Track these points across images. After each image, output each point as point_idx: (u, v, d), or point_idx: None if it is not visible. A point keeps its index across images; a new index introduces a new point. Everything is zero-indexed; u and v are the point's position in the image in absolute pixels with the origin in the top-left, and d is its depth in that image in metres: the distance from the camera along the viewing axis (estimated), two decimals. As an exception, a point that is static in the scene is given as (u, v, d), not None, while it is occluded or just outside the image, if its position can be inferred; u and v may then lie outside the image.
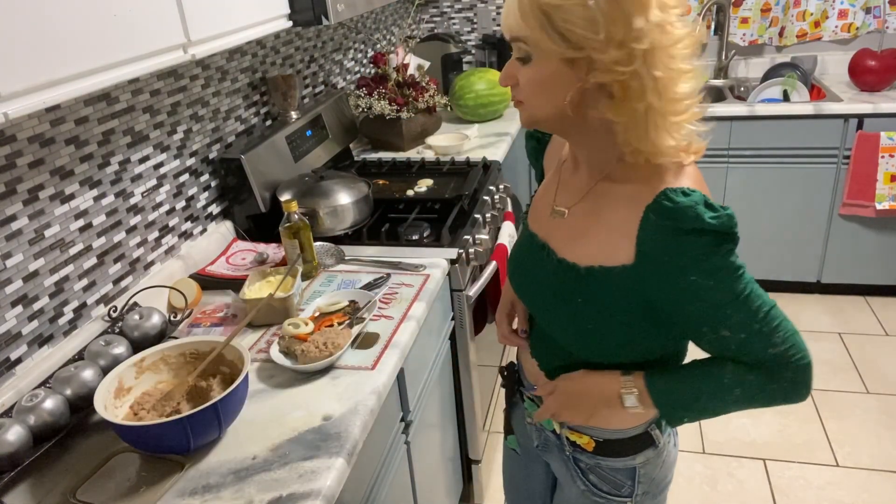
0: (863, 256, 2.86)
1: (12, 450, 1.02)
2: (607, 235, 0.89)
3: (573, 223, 0.95)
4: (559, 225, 0.98)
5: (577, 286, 0.92)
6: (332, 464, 1.03)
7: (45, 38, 0.90)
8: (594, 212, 0.92)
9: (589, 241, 0.91)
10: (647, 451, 1.05)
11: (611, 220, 0.88)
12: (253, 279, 1.49)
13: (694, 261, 0.81)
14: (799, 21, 3.04)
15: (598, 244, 0.90)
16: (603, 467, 1.07)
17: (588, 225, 0.92)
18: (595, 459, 1.07)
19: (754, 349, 0.86)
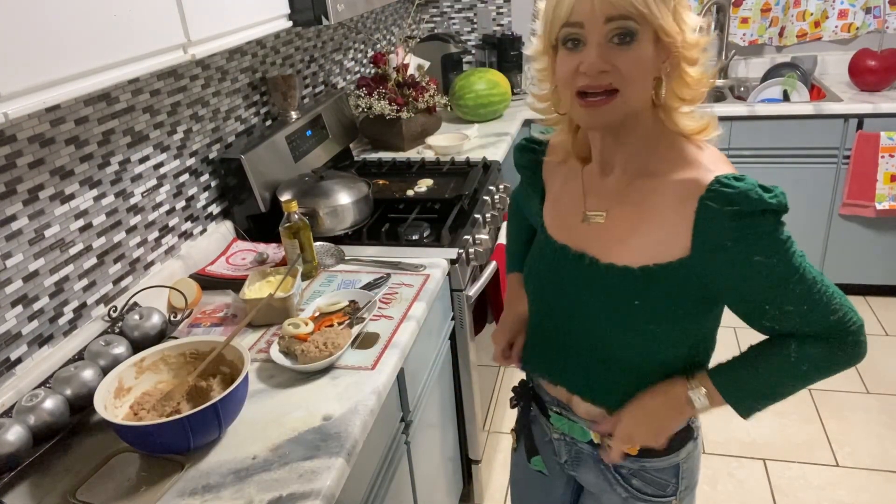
0: (863, 256, 2.86)
1: (12, 450, 1.02)
2: (659, 231, 0.87)
3: (615, 226, 0.92)
4: (597, 231, 0.94)
5: (633, 288, 0.89)
6: (332, 464, 1.03)
7: (45, 38, 0.90)
8: (638, 211, 0.90)
9: (639, 241, 0.89)
10: (688, 444, 1.04)
11: (662, 215, 0.87)
12: (253, 279, 1.49)
13: (757, 242, 0.82)
14: (799, 21, 3.05)
15: (649, 242, 0.88)
16: (648, 469, 1.03)
17: (634, 225, 0.90)
18: (639, 463, 1.03)
19: (817, 318, 0.87)
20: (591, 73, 0.80)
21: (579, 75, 0.82)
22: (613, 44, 0.80)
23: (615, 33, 0.79)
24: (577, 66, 0.82)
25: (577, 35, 0.81)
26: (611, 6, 0.77)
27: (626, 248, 0.90)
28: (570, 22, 0.80)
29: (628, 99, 0.82)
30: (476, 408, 1.87)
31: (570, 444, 1.11)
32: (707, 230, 0.84)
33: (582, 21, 0.79)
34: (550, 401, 1.11)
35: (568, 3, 0.80)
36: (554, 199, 1.05)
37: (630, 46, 0.79)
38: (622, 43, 0.79)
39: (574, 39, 0.81)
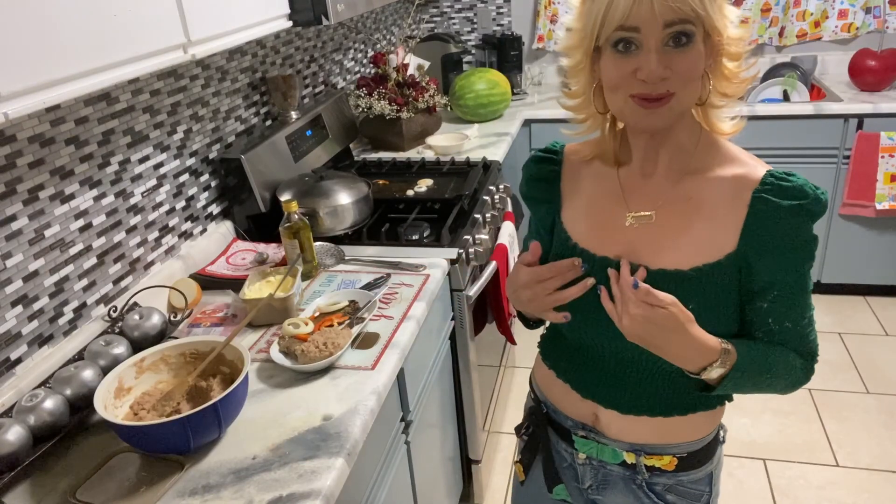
0: (863, 256, 2.86)
1: (12, 450, 1.02)
2: (708, 228, 0.87)
3: (660, 229, 0.89)
4: (644, 235, 0.90)
5: (687, 291, 0.86)
6: (332, 464, 1.03)
7: (45, 38, 0.90)
8: (688, 208, 0.88)
9: (689, 240, 0.87)
10: (718, 450, 1.03)
11: (712, 211, 0.87)
12: (253, 279, 1.49)
13: (800, 234, 0.84)
14: (799, 21, 3.05)
15: (699, 241, 0.87)
16: (684, 483, 1.01)
17: (682, 225, 0.88)
18: (676, 477, 1.00)
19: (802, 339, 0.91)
20: (651, 80, 0.78)
21: (636, 81, 0.79)
22: (669, 47, 0.78)
23: (672, 37, 0.77)
24: (632, 71, 0.79)
25: (631, 38, 0.78)
26: (671, 10, 0.75)
27: (676, 249, 0.88)
28: (625, 26, 0.77)
29: (683, 100, 0.81)
30: (476, 408, 1.87)
31: (597, 468, 1.05)
32: (759, 224, 0.84)
33: (639, 26, 0.77)
34: (574, 424, 1.05)
35: (624, 5, 0.76)
36: (585, 207, 0.98)
37: (686, 48, 0.78)
38: (678, 46, 0.78)
39: (627, 42, 0.79)
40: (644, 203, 0.91)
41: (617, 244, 0.92)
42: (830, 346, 2.70)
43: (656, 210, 0.90)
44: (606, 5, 0.78)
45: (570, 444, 1.06)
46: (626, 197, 0.93)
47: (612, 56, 0.81)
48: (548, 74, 3.43)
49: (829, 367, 2.57)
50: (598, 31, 0.80)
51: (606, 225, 0.94)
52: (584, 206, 0.98)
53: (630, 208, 0.92)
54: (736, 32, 0.83)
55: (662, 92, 0.79)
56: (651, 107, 0.80)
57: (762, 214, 0.84)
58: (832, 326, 2.82)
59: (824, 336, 2.75)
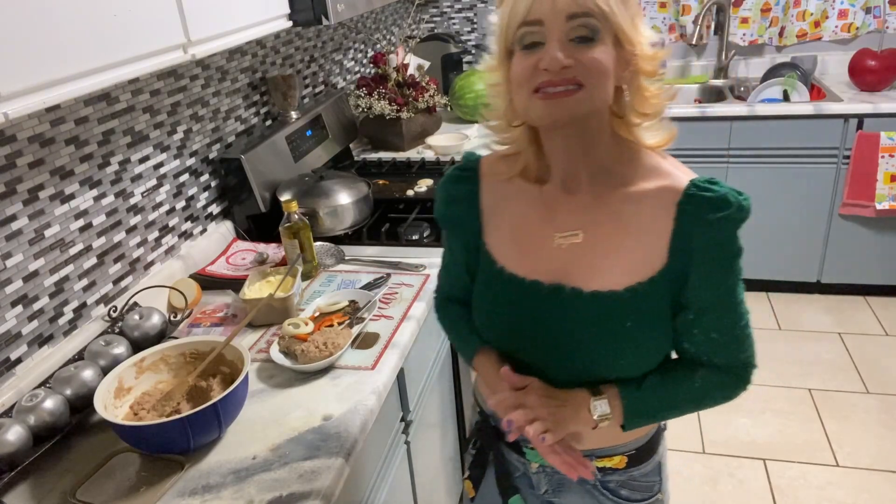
0: (863, 256, 2.86)
1: (12, 450, 1.02)
2: (638, 245, 0.85)
3: (590, 249, 0.87)
4: (572, 255, 0.88)
5: (623, 312, 0.86)
6: (332, 464, 1.03)
7: (45, 38, 0.90)
8: (615, 225, 0.87)
9: (619, 260, 0.86)
10: (662, 440, 1.05)
11: (640, 227, 0.85)
12: (253, 279, 1.49)
13: (728, 245, 0.84)
14: (799, 21, 3.05)
15: (630, 259, 0.86)
16: (636, 476, 1.02)
17: (611, 243, 0.87)
18: (627, 473, 1.01)
19: (732, 352, 0.89)
20: (553, 67, 0.75)
21: (539, 72, 0.77)
22: (574, 43, 0.76)
23: (577, 32, 0.76)
24: (535, 63, 0.77)
25: (536, 34, 0.77)
26: (573, 3, 0.75)
27: (608, 270, 0.86)
28: (528, 20, 0.76)
29: (591, 95, 0.78)
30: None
31: (551, 475, 1.05)
32: (686, 237, 0.83)
33: (541, 18, 0.76)
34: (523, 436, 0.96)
35: (525, 3, 0.76)
36: (510, 228, 0.93)
37: (591, 45, 0.76)
38: (583, 42, 0.76)
39: (533, 40, 0.77)
40: (570, 222, 0.88)
41: (547, 267, 0.89)
42: (830, 346, 2.70)
43: (584, 229, 0.87)
44: (512, 5, 0.78)
45: (522, 454, 1.05)
46: (552, 216, 0.89)
47: (519, 55, 0.80)
48: (548, 74, 3.43)
49: (829, 367, 2.57)
50: (506, 32, 0.79)
51: (534, 247, 0.90)
52: (508, 228, 0.94)
53: (557, 228, 0.89)
54: (650, 51, 0.81)
55: (568, 79, 0.76)
56: (553, 98, 0.77)
57: (688, 227, 0.83)
58: (832, 326, 2.82)
59: (824, 336, 2.75)
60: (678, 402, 0.92)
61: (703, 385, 0.90)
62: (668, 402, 0.91)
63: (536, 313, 0.90)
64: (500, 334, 0.96)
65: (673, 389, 0.91)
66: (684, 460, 2.19)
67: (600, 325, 0.87)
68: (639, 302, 0.85)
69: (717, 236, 0.83)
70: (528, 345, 0.93)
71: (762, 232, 2.90)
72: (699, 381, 0.90)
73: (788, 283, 3.03)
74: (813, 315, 2.91)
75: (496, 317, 0.95)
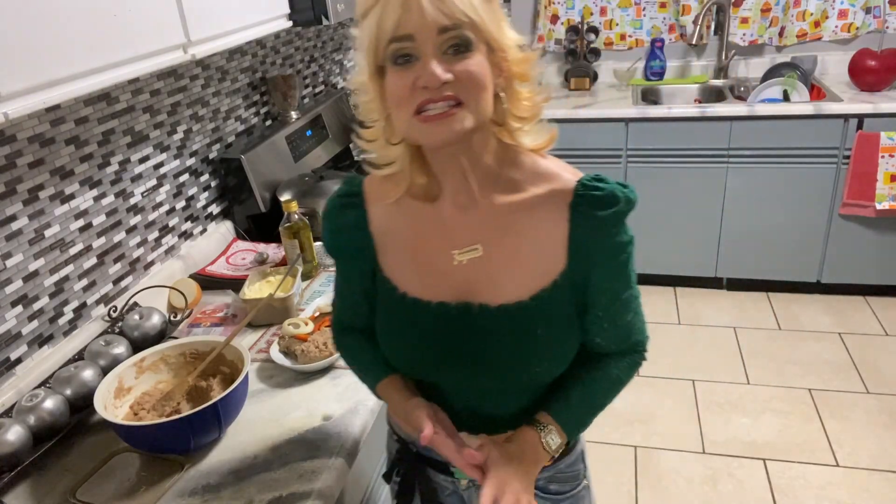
0: (863, 256, 2.86)
1: (12, 450, 1.02)
2: (538, 252, 0.85)
3: (492, 262, 0.85)
4: (474, 274, 0.86)
5: (533, 320, 0.85)
6: (332, 464, 1.03)
7: (45, 38, 0.90)
8: (512, 236, 0.85)
9: (522, 269, 0.85)
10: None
11: (537, 234, 0.85)
12: (253, 279, 1.49)
13: (621, 238, 0.84)
14: (799, 21, 3.05)
15: (532, 267, 0.85)
16: (562, 469, 1.02)
17: (512, 253, 0.85)
18: (554, 468, 1.01)
19: (635, 333, 0.92)
20: (433, 84, 0.72)
21: (418, 90, 0.74)
22: (449, 55, 0.73)
23: (450, 44, 0.73)
24: (413, 82, 0.74)
25: (408, 50, 0.73)
26: (443, 15, 0.71)
27: (512, 281, 0.85)
28: (398, 36, 0.73)
29: (474, 110, 0.76)
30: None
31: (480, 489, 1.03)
32: (581, 235, 0.83)
33: (412, 33, 0.72)
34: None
35: (393, 15, 0.72)
36: (406, 250, 0.89)
37: (466, 56, 0.74)
38: (458, 53, 0.74)
39: (405, 55, 0.74)
40: (468, 237, 0.85)
41: (450, 287, 0.86)
42: (830, 346, 2.70)
43: (482, 242, 0.85)
44: (377, 21, 0.73)
45: (449, 474, 1.02)
46: (449, 233, 0.86)
47: (392, 73, 0.76)
48: (548, 74, 3.43)
49: (829, 367, 2.57)
50: (376, 48, 0.75)
51: (435, 267, 0.87)
52: (404, 250, 0.89)
53: (455, 245, 0.86)
54: (521, 55, 0.80)
55: (448, 96, 0.74)
56: (436, 120, 0.75)
57: (582, 228, 0.83)
58: (832, 326, 2.82)
59: (824, 336, 2.75)
60: (605, 399, 0.94)
61: (619, 374, 0.93)
62: (597, 403, 0.93)
63: (446, 335, 0.87)
64: (411, 360, 0.92)
65: (598, 390, 0.93)
66: (684, 460, 2.19)
67: (512, 336, 0.86)
68: (546, 308, 0.85)
69: (611, 231, 0.84)
70: (441, 367, 0.90)
71: (762, 232, 2.90)
72: (615, 371, 0.93)
73: (788, 283, 3.03)
74: (813, 315, 2.91)
75: (404, 344, 0.91)
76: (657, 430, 2.32)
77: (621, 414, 2.39)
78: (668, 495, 2.06)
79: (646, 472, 2.15)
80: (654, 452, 2.23)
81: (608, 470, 2.17)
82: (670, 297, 3.12)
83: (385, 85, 0.77)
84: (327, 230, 0.94)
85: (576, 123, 2.89)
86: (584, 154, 2.94)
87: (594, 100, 3.05)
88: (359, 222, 0.90)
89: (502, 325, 0.85)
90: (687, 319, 2.94)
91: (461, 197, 0.85)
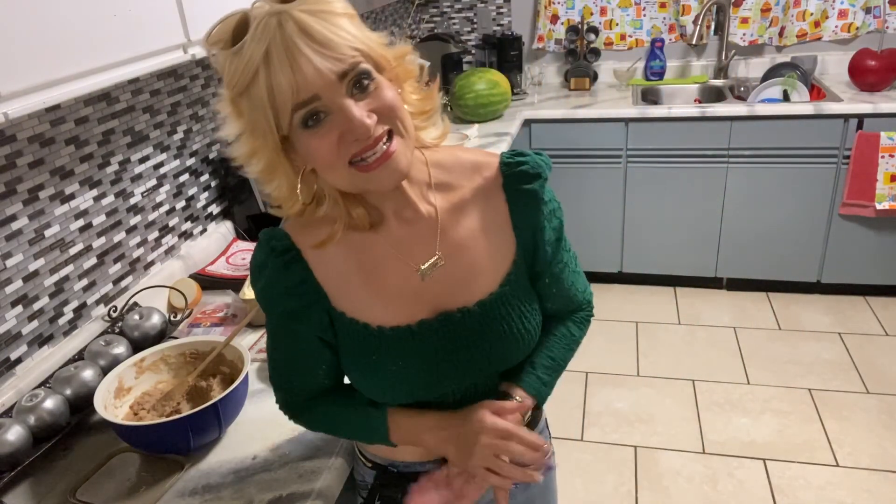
0: (863, 256, 2.86)
1: (12, 450, 1.02)
2: (491, 240, 0.86)
3: (456, 266, 0.85)
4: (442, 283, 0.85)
5: (509, 305, 0.87)
6: (332, 464, 1.03)
7: (45, 38, 0.90)
8: (465, 234, 0.86)
9: (484, 263, 0.86)
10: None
11: (485, 222, 0.86)
12: (253, 279, 1.49)
13: (552, 204, 0.89)
14: (799, 21, 3.05)
15: (492, 256, 0.86)
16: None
17: (470, 251, 0.86)
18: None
19: (580, 290, 0.98)
20: (365, 135, 0.70)
21: (347, 144, 0.71)
22: (357, 94, 0.71)
23: (354, 84, 0.71)
24: (338, 138, 0.71)
25: (316, 108, 0.70)
26: (335, 61, 0.68)
27: (479, 276, 0.86)
28: (301, 101, 0.69)
29: (406, 135, 0.75)
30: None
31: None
32: (519, 213, 0.87)
33: (316, 92, 0.69)
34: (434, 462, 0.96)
35: (285, 81, 0.67)
36: (365, 286, 0.85)
37: (372, 87, 0.72)
38: (364, 90, 0.71)
39: (314, 115, 0.70)
40: (424, 251, 0.84)
41: (424, 303, 0.85)
42: (830, 346, 2.70)
43: (441, 251, 0.84)
44: (268, 92, 0.69)
45: None
46: (404, 253, 0.84)
47: (306, 136, 0.72)
48: (548, 74, 3.43)
49: (829, 367, 2.57)
50: (276, 119, 0.70)
51: (402, 290, 0.85)
52: (364, 285, 0.85)
53: (414, 262, 0.84)
54: (391, 51, 0.77)
55: (380, 135, 0.72)
56: (382, 163, 0.73)
57: (519, 203, 0.86)
58: (832, 326, 2.82)
59: (824, 336, 2.75)
60: (565, 357, 0.97)
61: (572, 332, 0.98)
62: (560, 364, 0.96)
63: (439, 350, 0.86)
64: (410, 389, 0.88)
65: (557, 350, 0.96)
66: (684, 460, 2.19)
67: (499, 326, 0.87)
68: (516, 288, 0.88)
69: (543, 199, 0.87)
70: (443, 382, 0.88)
71: (762, 232, 2.90)
72: (568, 330, 0.98)
73: (788, 283, 3.03)
74: (813, 315, 2.91)
75: (398, 377, 0.86)
76: (657, 430, 2.32)
77: (621, 414, 2.39)
78: (668, 495, 2.06)
79: (646, 472, 2.15)
80: (654, 452, 2.23)
81: (608, 470, 2.17)
82: (670, 297, 3.12)
83: (299, 151, 0.74)
84: (275, 298, 0.85)
85: (576, 123, 2.89)
86: (584, 154, 2.94)
87: (594, 100, 3.05)
88: (305, 276, 0.84)
89: (486, 319, 0.86)
90: (687, 319, 2.95)
91: (407, 212, 0.84)
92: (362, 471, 1.03)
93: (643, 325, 2.93)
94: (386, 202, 0.83)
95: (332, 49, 0.68)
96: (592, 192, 3.01)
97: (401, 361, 0.85)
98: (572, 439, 2.31)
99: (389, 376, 0.86)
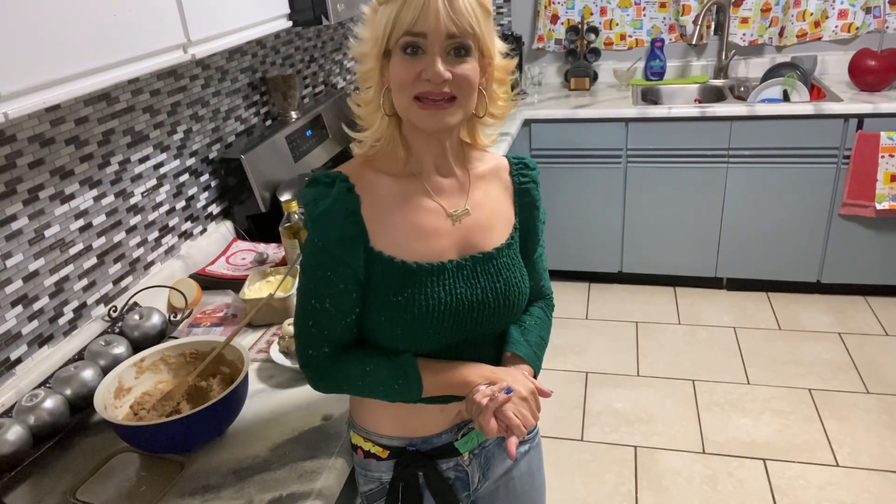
0: (863, 256, 2.86)
1: (12, 450, 1.02)
2: (500, 208, 1.03)
3: (477, 217, 1.00)
4: (468, 230, 0.98)
5: (512, 258, 1.02)
6: (332, 464, 1.03)
7: (46, 38, 0.90)
8: (484, 195, 1.02)
9: (497, 219, 1.03)
10: None
11: (497, 195, 1.04)
12: (253, 279, 1.49)
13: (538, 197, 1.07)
14: (799, 21, 3.05)
15: (502, 217, 1.03)
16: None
17: (488, 208, 1.02)
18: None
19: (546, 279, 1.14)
20: (436, 80, 0.87)
21: (421, 81, 0.88)
22: (451, 56, 0.88)
23: (453, 47, 0.87)
24: (418, 73, 0.87)
25: (418, 44, 0.87)
26: (454, 24, 0.85)
27: (494, 228, 1.02)
28: (413, 32, 0.86)
29: (464, 105, 0.91)
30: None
31: (478, 455, 1.08)
32: (521, 198, 1.05)
33: (426, 32, 0.86)
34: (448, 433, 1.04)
35: (412, 12, 0.85)
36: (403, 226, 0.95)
37: (464, 59, 0.89)
38: (458, 56, 0.88)
39: (415, 47, 0.87)
40: (456, 201, 1.00)
41: (452, 245, 0.98)
42: (830, 346, 2.70)
43: (467, 203, 1.00)
44: (397, 12, 0.86)
45: (450, 455, 1.05)
46: (439, 200, 0.99)
47: (400, 58, 0.88)
48: (548, 74, 3.43)
49: (829, 367, 2.57)
50: (389, 34, 0.88)
51: (435, 233, 0.97)
52: (401, 225, 0.95)
53: (448, 208, 0.99)
54: (503, 62, 0.96)
55: (445, 92, 0.88)
56: (433, 109, 0.89)
57: (519, 188, 1.05)
58: (832, 326, 2.82)
59: (824, 336, 2.75)
60: (546, 335, 1.11)
61: (545, 315, 1.12)
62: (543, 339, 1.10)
63: (462, 289, 0.96)
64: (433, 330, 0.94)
65: (540, 329, 1.09)
66: (684, 460, 2.19)
67: (511, 269, 1.01)
68: (513, 251, 1.03)
69: (534, 188, 1.07)
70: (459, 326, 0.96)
71: (762, 232, 2.90)
72: (542, 313, 1.11)
73: (788, 283, 3.03)
74: (813, 315, 2.91)
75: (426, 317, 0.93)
76: (657, 430, 2.32)
77: (621, 414, 2.39)
78: (668, 495, 2.06)
79: (646, 472, 2.15)
80: (654, 452, 2.23)
81: (608, 470, 2.17)
82: (670, 297, 3.12)
83: (390, 66, 0.90)
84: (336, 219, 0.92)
85: (576, 123, 2.89)
86: (584, 154, 2.95)
87: (594, 100, 3.05)
88: (358, 208, 0.93)
89: (502, 262, 1.01)
90: (687, 319, 2.95)
91: (443, 168, 1.00)
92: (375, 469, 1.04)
93: (643, 325, 2.93)
94: (426, 155, 0.98)
95: (458, 15, 0.85)
96: (592, 192, 3.02)
97: (432, 299, 0.94)
98: (572, 439, 2.31)
99: (418, 315, 0.93)
